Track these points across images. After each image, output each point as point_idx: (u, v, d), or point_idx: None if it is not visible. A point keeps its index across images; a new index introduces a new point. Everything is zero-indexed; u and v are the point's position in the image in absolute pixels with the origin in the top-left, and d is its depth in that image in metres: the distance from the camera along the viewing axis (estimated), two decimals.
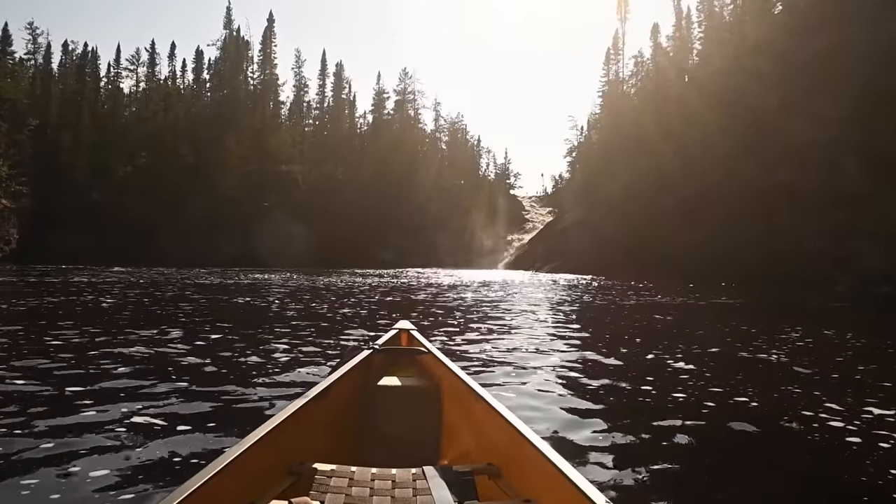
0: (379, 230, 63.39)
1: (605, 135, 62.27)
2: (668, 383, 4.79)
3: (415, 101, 79.28)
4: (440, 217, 69.92)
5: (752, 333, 8.79)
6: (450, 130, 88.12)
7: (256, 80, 69.86)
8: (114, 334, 6.68)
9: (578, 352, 6.52)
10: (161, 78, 70.67)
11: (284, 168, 63.27)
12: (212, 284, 19.48)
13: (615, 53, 65.00)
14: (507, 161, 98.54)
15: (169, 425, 3.23)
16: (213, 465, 1.48)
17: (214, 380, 4.48)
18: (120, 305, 10.91)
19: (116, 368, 4.72)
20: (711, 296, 18.58)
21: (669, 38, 56.34)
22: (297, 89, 74.83)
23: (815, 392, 4.60)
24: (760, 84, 37.19)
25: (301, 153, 68.57)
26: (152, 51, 70.58)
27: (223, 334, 7.01)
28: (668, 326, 9.67)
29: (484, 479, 1.84)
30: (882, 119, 27.51)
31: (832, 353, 6.78)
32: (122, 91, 70.47)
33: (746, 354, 6.49)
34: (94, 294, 13.52)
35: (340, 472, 1.74)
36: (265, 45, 69.41)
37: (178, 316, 9.18)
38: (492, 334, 7.69)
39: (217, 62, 69.18)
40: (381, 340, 2.99)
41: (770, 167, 33.95)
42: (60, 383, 4.09)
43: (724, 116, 39.62)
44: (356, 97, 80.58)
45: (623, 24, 65.48)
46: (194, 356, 5.43)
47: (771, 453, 3.19)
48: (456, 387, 2.42)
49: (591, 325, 9.94)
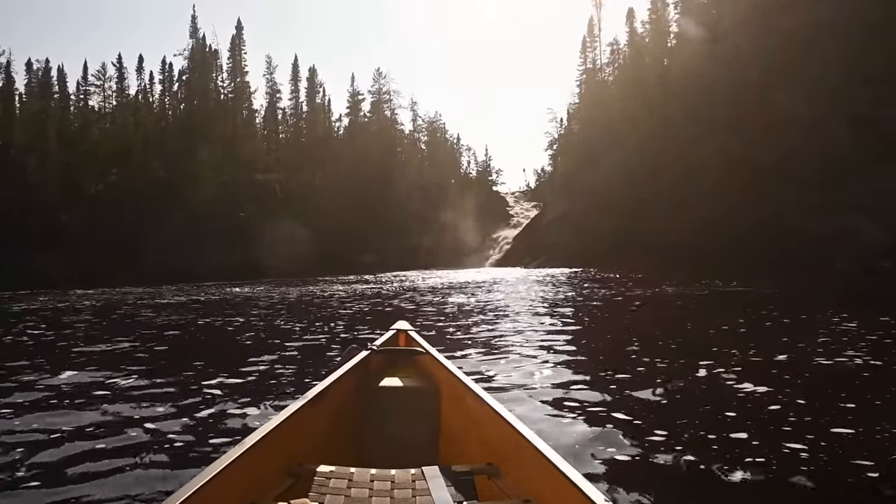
0: (360, 234, 62.06)
1: (584, 124, 61.73)
2: (695, 387, 4.55)
3: (391, 101, 77.99)
4: (423, 217, 68.50)
5: (785, 327, 7.99)
6: (428, 130, 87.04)
7: (227, 89, 68.18)
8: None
9: (591, 357, 6.11)
10: (130, 93, 68.80)
11: (260, 177, 61.53)
12: (169, 304, 18.05)
13: (591, 41, 64.30)
14: (488, 158, 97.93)
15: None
16: (212, 466, 1.49)
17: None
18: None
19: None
20: (715, 284, 17.72)
21: (644, 24, 55.64)
22: (270, 96, 73.10)
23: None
24: (741, 61, 36.44)
25: (277, 161, 66.85)
26: (119, 65, 68.72)
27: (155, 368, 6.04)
28: (696, 325, 8.97)
29: (483, 479, 1.86)
30: (872, 89, 26.84)
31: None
32: (90, 108, 68.52)
33: (784, 357, 5.66)
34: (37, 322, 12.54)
35: (339, 473, 1.74)
36: (234, 53, 67.66)
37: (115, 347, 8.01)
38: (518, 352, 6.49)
39: (185, 72, 67.26)
40: (379, 341, 2.96)
41: (758, 146, 33.08)
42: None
43: (705, 97, 38.88)
44: (331, 101, 79.09)
45: (598, 10, 64.91)
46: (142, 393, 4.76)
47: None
48: (454, 387, 2.42)
49: (606, 328, 9.10)
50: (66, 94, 67.73)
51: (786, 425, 3.44)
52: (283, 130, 74.58)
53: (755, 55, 34.98)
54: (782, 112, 31.74)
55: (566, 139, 69.94)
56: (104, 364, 5.99)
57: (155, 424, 3.50)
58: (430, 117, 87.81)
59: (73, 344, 8.24)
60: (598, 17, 64.54)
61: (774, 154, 31.77)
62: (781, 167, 31.10)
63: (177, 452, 2.92)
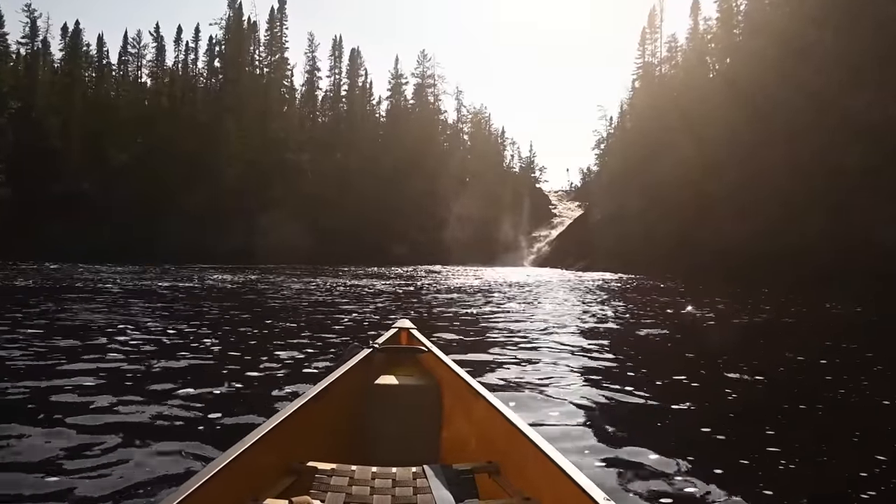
0: (393, 223, 58.56)
1: (640, 121, 57.22)
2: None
3: (435, 86, 74.11)
4: (461, 210, 64.38)
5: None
6: (472, 121, 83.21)
7: (264, 63, 65.12)
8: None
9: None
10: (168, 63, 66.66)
11: (292, 157, 58.22)
12: (184, 290, 15.51)
13: (651, 33, 59.52)
14: (533, 154, 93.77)
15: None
16: (213, 464, 1.48)
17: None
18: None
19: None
20: (803, 303, 14.15)
21: (707, 20, 51.30)
22: (311, 74, 69.93)
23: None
24: (821, 58, 32.08)
25: (311, 139, 63.59)
26: (157, 34, 66.77)
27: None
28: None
29: (484, 477, 1.85)
30: None
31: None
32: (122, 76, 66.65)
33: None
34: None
35: (341, 471, 1.75)
36: (272, 26, 64.64)
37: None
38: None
39: (219, 42, 64.44)
40: (380, 339, 2.92)
41: (836, 149, 29.06)
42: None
43: (776, 95, 34.74)
44: (372, 84, 75.44)
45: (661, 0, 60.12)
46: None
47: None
48: (456, 385, 2.43)
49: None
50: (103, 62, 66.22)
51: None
52: (320, 110, 71.27)
53: (842, 51, 30.79)
54: (871, 115, 27.93)
55: (619, 136, 65.68)
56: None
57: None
58: (475, 108, 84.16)
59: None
60: (660, 8, 60.40)
61: (855, 160, 27.68)
62: (863, 175, 27.37)
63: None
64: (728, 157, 37.83)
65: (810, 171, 30.33)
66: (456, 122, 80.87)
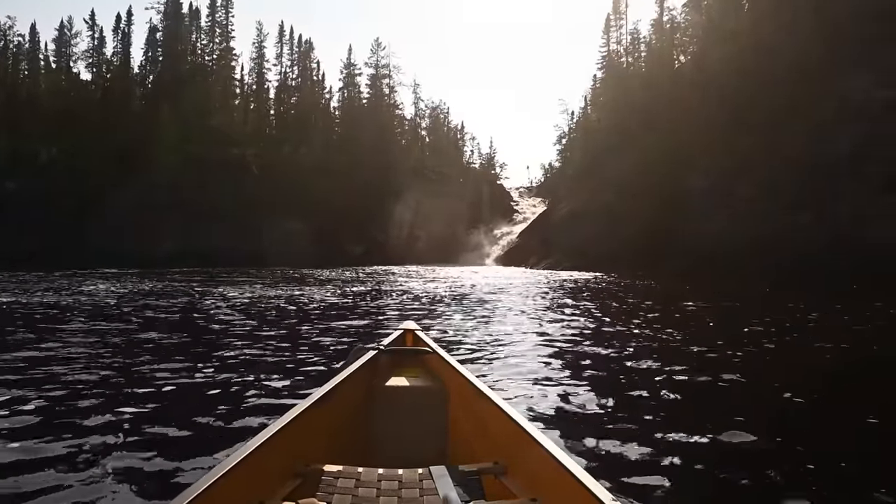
0: (349, 221, 55.25)
1: (606, 111, 55.34)
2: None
3: (390, 76, 70.79)
4: (419, 208, 61.32)
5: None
6: (431, 116, 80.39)
7: (206, 51, 60.88)
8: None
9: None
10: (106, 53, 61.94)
11: (235, 151, 54.11)
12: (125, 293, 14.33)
13: (616, 19, 57.56)
14: (493, 150, 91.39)
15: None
16: (220, 466, 1.48)
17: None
18: None
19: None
20: (800, 304, 12.20)
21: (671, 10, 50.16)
22: (258, 66, 65.88)
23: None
24: (803, 37, 30.44)
25: (257, 132, 59.77)
26: (92, 22, 62.08)
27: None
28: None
29: (490, 478, 1.85)
30: None
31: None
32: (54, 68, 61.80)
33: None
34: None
35: (347, 472, 1.75)
36: (213, 11, 60.48)
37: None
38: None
39: (156, 29, 59.96)
40: (386, 341, 2.91)
41: (824, 137, 27.17)
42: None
43: (756, 79, 33.11)
44: (324, 75, 71.62)
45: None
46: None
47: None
48: (461, 386, 2.39)
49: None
50: (35, 52, 61.60)
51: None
52: (267, 101, 67.34)
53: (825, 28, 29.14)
54: (864, 97, 26.08)
55: (583, 128, 63.76)
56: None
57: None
58: (433, 103, 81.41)
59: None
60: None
61: (844, 149, 25.92)
62: (851, 165, 25.61)
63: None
64: (700, 150, 36.05)
65: (787, 162, 28.61)
66: (413, 117, 78.07)
